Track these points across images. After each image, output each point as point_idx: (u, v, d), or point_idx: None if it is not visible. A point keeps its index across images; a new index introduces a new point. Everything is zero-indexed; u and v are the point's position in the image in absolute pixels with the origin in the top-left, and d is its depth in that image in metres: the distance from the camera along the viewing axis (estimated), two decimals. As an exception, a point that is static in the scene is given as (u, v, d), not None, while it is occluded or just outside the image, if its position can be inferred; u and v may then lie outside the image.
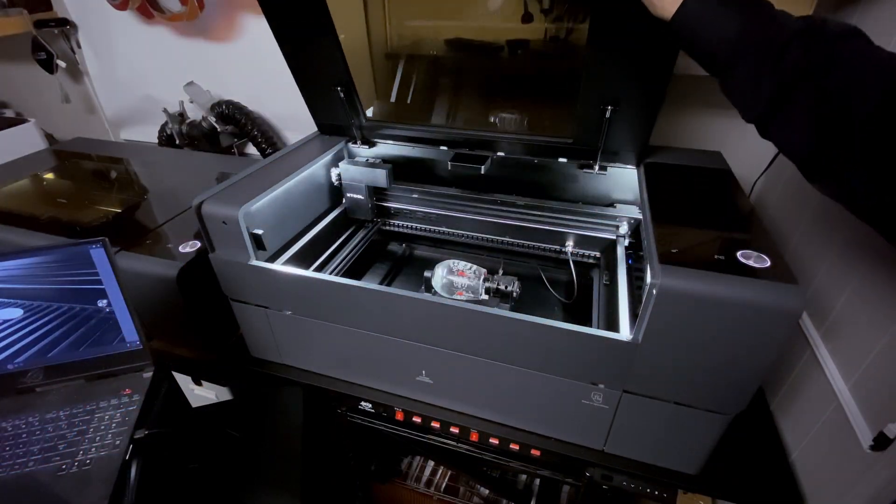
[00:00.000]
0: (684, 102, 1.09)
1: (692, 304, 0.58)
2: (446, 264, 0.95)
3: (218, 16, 1.35)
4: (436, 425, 0.89)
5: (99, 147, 1.50)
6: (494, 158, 0.98)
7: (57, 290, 0.77)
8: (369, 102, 1.03)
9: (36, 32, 1.53)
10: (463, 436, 0.89)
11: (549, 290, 1.02)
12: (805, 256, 0.88)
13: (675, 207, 0.76)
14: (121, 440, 0.71)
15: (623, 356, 0.66)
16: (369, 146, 1.07)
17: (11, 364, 0.79)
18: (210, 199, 0.80)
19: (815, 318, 0.82)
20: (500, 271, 0.98)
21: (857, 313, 0.71)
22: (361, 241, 1.11)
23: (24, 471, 0.67)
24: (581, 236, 0.99)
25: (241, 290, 0.87)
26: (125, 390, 0.79)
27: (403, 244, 1.21)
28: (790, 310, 0.55)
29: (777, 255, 0.61)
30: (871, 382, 0.66)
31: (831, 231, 0.80)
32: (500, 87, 1.02)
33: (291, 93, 1.34)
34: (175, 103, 1.51)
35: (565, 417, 0.78)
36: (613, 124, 0.84)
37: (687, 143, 1.13)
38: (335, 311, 0.82)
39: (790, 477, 0.78)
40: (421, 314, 0.75)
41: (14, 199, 1.17)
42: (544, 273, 1.05)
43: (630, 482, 0.80)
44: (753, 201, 1.13)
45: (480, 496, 1.39)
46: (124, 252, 0.91)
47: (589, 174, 0.93)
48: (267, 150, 1.46)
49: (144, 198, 1.16)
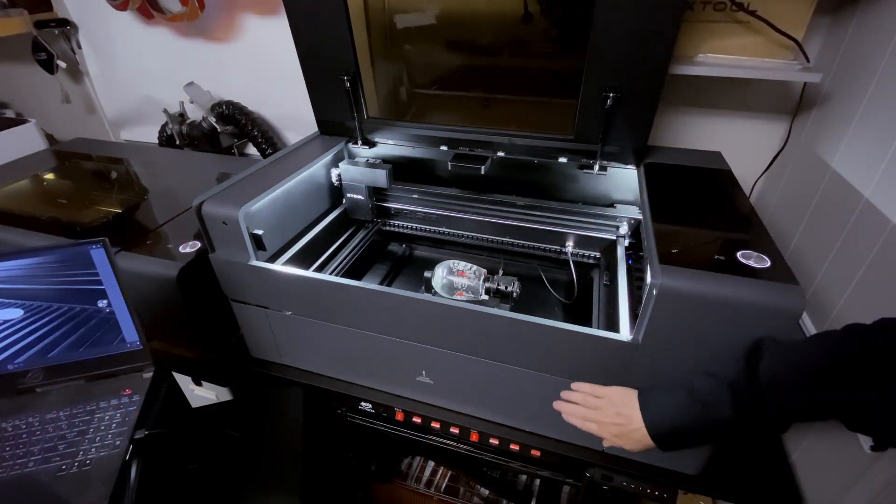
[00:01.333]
0: (684, 102, 1.09)
1: (692, 305, 0.58)
2: (446, 264, 0.95)
3: (218, 16, 1.35)
4: (436, 425, 0.89)
5: (99, 147, 1.50)
6: (494, 159, 0.98)
7: (57, 290, 0.77)
8: (370, 100, 1.03)
9: (36, 33, 1.53)
10: (463, 436, 0.88)
11: (549, 291, 1.03)
12: (805, 256, 0.88)
13: (675, 208, 0.76)
14: (121, 440, 0.71)
15: (623, 356, 0.66)
16: (369, 146, 1.07)
17: (11, 364, 0.79)
18: (210, 200, 0.80)
19: (815, 319, 0.82)
20: (501, 271, 0.98)
21: (857, 313, 0.71)
22: (361, 242, 1.11)
23: (24, 471, 0.67)
24: (581, 237, 0.99)
25: (241, 291, 0.87)
26: (125, 390, 0.79)
27: (403, 244, 1.21)
28: (790, 310, 0.55)
29: (777, 255, 0.61)
30: (872, 382, 0.66)
31: (831, 231, 0.80)
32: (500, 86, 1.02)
33: (292, 93, 1.36)
34: (175, 104, 1.51)
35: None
36: (614, 114, 0.84)
37: (687, 143, 1.13)
38: (335, 311, 0.82)
39: (790, 477, 0.77)
40: (421, 314, 0.75)
41: (14, 200, 1.17)
42: (544, 273, 1.05)
43: (630, 482, 0.80)
44: (753, 201, 1.14)
45: (480, 496, 1.39)
46: (124, 252, 0.91)
47: (589, 174, 0.93)
48: (267, 151, 1.46)
49: (144, 198, 1.16)
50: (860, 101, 0.79)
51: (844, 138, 0.82)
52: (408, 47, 1.04)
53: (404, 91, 1.09)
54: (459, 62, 1.00)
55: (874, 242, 0.68)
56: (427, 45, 1.02)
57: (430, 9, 0.96)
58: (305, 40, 0.95)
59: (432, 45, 1.02)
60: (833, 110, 0.89)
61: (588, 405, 0.67)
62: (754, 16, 0.89)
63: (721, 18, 0.92)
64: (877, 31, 0.78)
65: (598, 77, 0.81)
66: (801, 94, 0.99)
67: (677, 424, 0.57)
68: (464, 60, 1.00)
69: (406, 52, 1.04)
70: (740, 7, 0.89)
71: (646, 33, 0.74)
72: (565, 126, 0.90)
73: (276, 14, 1.28)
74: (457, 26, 0.97)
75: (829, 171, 0.84)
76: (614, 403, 0.64)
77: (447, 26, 0.97)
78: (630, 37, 0.75)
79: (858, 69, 0.81)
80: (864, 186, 0.74)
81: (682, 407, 0.57)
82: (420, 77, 1.06)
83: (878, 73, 0.75)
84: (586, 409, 0.67)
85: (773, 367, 0.52)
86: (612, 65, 0.79)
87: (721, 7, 0.91)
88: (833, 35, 0.92)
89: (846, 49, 0.86)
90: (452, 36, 0.98)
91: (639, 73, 0.78)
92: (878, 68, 0.76)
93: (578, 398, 0.68)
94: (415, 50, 1.03)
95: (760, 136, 1.08)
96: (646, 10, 0.72)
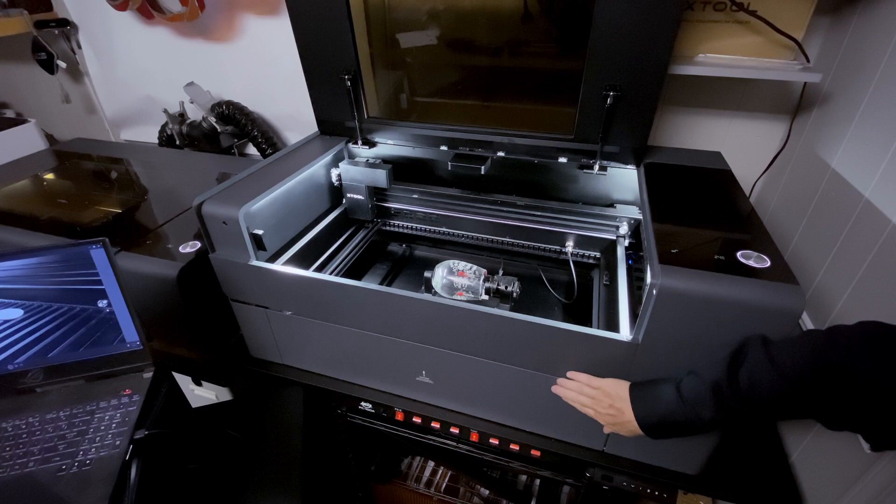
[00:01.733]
0: (684, 102, 1.09)
1: (692, 305, 0.58)
2: (446, 264, 0.95)
3: (218, 16, 1.35)
4: (436, 425, 0.89)
5: (99, 147, 1.50)
6: (495, 159, 0.98)
7: (57, 290, 0.77)
8: (370, 100, 1.03)
9: (36, 33, 1.53)
10: (463, 436, 0.89)
11: (549, 291, 1.02)
12: (805, 256, 0.88)
13: (675, 207, 0.76)
14: (121, 440, 0.71)
15: (623, 356, 0.66)
16: (369, 146, 1.07)
17: (12, 364, 0.79)
18: (210, 200, 0.80)
19: (815, 319, 0.82)
20: (501, 271, 0.98)
21: (857, 313, 0.71)
22: (361, 242, 1.11)
23: (24, 471, 0.67)
24: (581, 236, 0.99)
25: (241, 291, 0.87)
26: (125, 390, 0.79)
27: (403, 245, 1.21)
28: (790, 310, 0.55)
29: (777, 255, 0.61)
30: (872, 382, 0.66)
31: (831, 231, 0.80)
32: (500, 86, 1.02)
33: (292, 93, 1.36)
34: (175, 104, 1.51)
35: (565, 417, 0.77)
36: (614, 114, 0.84)
37: (687, 143, 1.13)
38: (335, 311, 0.82)
39: (790, 477, 0.78)
40: (421, 314, 0.75)
41: (14, 200, 1.17)
42: (544, 273, 1.05)
43: (630, 482, 0.80)
44: (753, 201, 1.14)
45: (480, 497, 1.39)
46: (124, 252, 0.91)
47: (589, 174, 0.93)
48: (267, 151, 1.46)
49: (144, 198, 1.16)
50: (860, 102, 0.79)
51: (844, 138, 0.82)
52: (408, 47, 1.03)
53: (404, 91, 1.09)
54: (460, 62, 1.00)
55: (874, 242, 0.68)
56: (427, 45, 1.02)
57: (430, 9, 0.96)
58: (307, 38, 0.95)
59: (433, 44, 1.02)
60: (833, 110, 0.89)
61: (584, 394, 0.70)
62: (754, 16, 0.89)
63: (721, 18, 0.92)
64: (877, 31, 0.78)
65: (598, 76, 0.81)
66: (801, 95, 0.99)
67: (665, 419, 0.61)
68: (464, 60, 1.00)
69: (406, 52, 1.04)
70: (740, 7, 0.89)
71: (646, 32, 0.74)
72: (565, 126, 0.90)
73: (276, 14, 1.28)
74: (457, 26, 0.97)
75: (829, 171, 0.84)
76: (608, 395, 0.66)
77: (447, 26, 0.97)
78: (630, 36, 0.75)
79: (858, 69, 0.81)
80: (864, 186, 0.74)
81: (668, 404, 0.60)
82: (420, 77, 1.06)
83: (878, 73, 0.75)
84: (583, 396, 0.70)
85: (754, 373, 0.53)
86: (612, 64, 0.79)
87: (721, 7, 0.91)
88: (833, 35, 0.92)
89: (846, 49, 0.86)
90: (452, 36, 0.98)
91: (639, 73, 0.79)
92: (878, 68, 0.76)
93: (574, 387, 0.71)
94: (415, 50, 1.03)
95: (760, 136, 1.08)
96: (646, 10, 0.72)
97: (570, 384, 0.71)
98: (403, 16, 1.00)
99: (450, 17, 0.96)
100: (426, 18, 0.98)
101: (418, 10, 0.99)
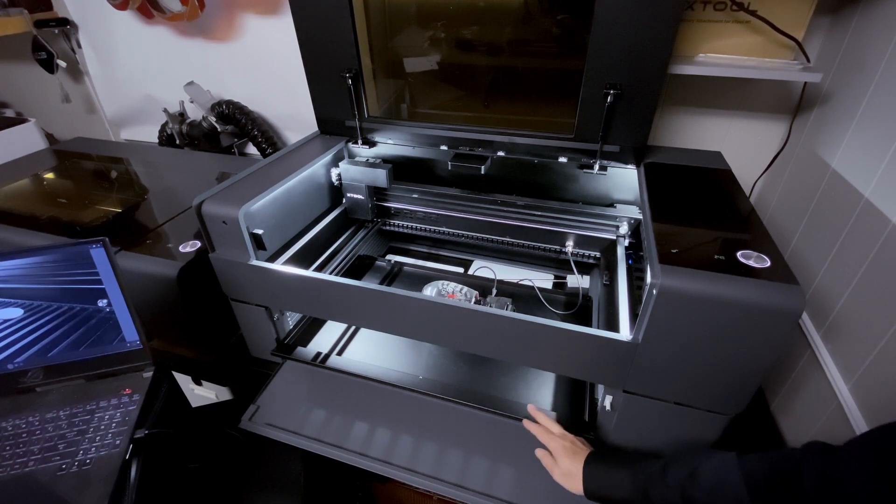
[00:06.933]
0: (684, 102, 1.09)
1: (692, 305, 0.58)
2: (435, 285, 0.93)
3: (218, 16, 1.35)
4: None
5: (99, 147, 1.50)
6: (495, 158, 0.98)
7: (57, 289, 0.77)
8: (371, 99, 1.03)
9: (36, 32, 1.53)
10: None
11: (548, 309, 0.97)
12: (805, 256, 0.88)
13: (675, 207, 0.76)
14: (121, 440, 0.71)
15: (623, 356, 0.66)
16: (369, 146, 1.07)
17: (11, 364, 0.79)
18: (210, 199, 0.80)
19: (815, 319, 0.82)
20: (494, 291, 0.96)
21: (857, 313, 0.71)
22: (361, 242, 1.11)
23: (24, 471, 0.67)
24: (581, 236, 0.99)
25: (241, 290, 0.87)
26: (125, 390, 0.79)
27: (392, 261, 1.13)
28: (790, 310, 0.55)
29: (777, 255, 0.61)
30: (872, 382, 0.66)
31: (831, 231, 0.80)
32: (500, 85, 1.02)
33: (292, 93, 1.36)
34: (175, 103, 1.51)
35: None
36: (614, 113, 0.84)
37: (687, 143, 1.13)
38: (335, 310, 0.82)
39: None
40: (421, 314, 0.75)
41: (14, 199, 1.17)
42: (542, 293, 1.00)
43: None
44: (753, 201, 1.14)
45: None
46: (124, 252, 0.91)
47: (589, 174, 0.93)
48: (267, 150, 1.46)
49: (144, 198, 1.16)
50: (860, 101, 0.79)
51: (844, 138, 0.82)
52: (408, 46, 1.04)
53: (405, 91, 1.09)
54: (460, 61, 1.00)
55: (874, 242, 0.68)
56: (428, 44, 1.02)
57: (431, 8, 0.96)
58: (308, 35, 0.95)
59: (433, 44, 1.02)
60: (833, 110, 0.89)
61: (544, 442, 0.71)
62: (754, 15, 0.89)
63: (721, 18, 0.92)
64: (877, 30, 0.78)
65: (598, 75, 0.81)
66: (802, 94, 0.99)
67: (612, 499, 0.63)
68: (464, 59, 1.00)
69: (406, 51, 1.04)
70: (740, 7, 0.89)
71: (646, 31, 0.74)
72: (565, 125, 0.90)
73: (277, 14, 1.28)
74: (457, 25, 0.97)
75: (829, 171, 0.84)
76: (563, 457, 0.68)
77: (447, 25, 0.97)
78: (630, 35, 0.75)
79: (858, 69, 0.81)
80: (864, 186, 0.74)
81: (619, 489, 0.62)
82: (420, 76, 1.06)
83: (878, 73, 0.75)
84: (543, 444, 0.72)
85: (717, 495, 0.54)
86: (612, 63, 0.79)
87: (721, 7, 0.91)
88: (833, 35, 0.92)
89: (846, 49, 0.86)
90: (453, 35, 0.98)
91: (639, 71, 0.79)
92: (878, 68, 0.76)
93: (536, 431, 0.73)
94: (415, 49, 1.03)
95: (760, 136, 1.08)
96: (646, 9, 0.72)
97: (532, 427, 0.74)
98: (404, 16, 1.00)
99: (450, 17, 0.97)
100: (426, 19, 0.98)
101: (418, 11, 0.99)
